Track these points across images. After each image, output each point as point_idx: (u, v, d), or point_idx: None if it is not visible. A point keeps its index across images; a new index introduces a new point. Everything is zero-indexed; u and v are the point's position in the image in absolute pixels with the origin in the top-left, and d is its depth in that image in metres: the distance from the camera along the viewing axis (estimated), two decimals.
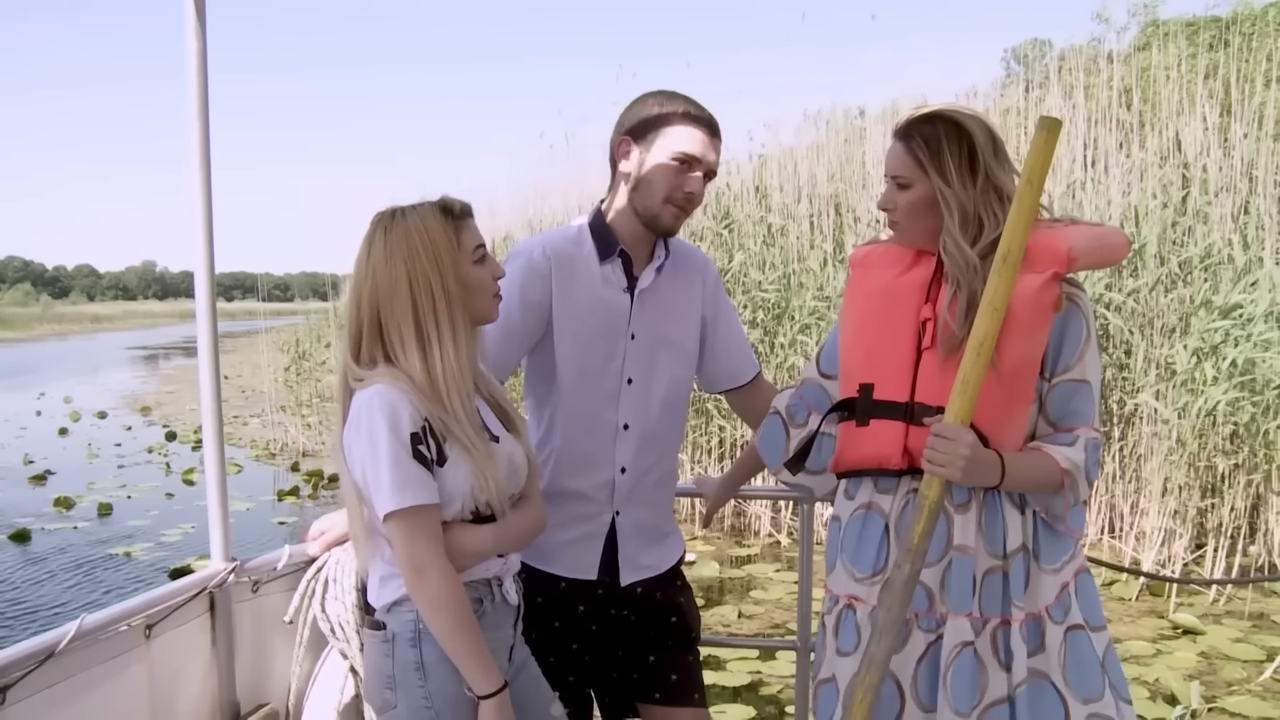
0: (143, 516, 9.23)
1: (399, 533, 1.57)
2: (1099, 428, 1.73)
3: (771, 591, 6.36)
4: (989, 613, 1.69)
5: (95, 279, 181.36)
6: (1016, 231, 1.59)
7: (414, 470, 1.56)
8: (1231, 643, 5.35)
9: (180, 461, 12.09)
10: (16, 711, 1.58)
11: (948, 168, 1.70)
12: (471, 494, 1.62)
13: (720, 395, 2.30)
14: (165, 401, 19.29)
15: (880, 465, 1.77)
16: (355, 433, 1.59)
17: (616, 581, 2.05)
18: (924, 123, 1.74)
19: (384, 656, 1.65)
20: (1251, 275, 7.01)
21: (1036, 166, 1.60)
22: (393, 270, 1.60)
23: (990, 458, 1.61)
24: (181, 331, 60.96)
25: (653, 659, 2.10)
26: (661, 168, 1.94)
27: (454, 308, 1.61)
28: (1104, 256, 1.77)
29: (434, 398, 1.59)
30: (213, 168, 2.10)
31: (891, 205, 1.79)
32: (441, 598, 1.57)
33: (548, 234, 2.05)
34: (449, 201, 1.66)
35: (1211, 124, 8.34)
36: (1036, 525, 1.71)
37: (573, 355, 1.98)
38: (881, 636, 1.62)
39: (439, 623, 1.58)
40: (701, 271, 2.16)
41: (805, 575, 2.46)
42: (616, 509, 2.04)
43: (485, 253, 1.68)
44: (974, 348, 1.59)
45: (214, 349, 2.14)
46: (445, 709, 1.61)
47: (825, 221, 8.97)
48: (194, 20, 2.04)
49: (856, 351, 1.84)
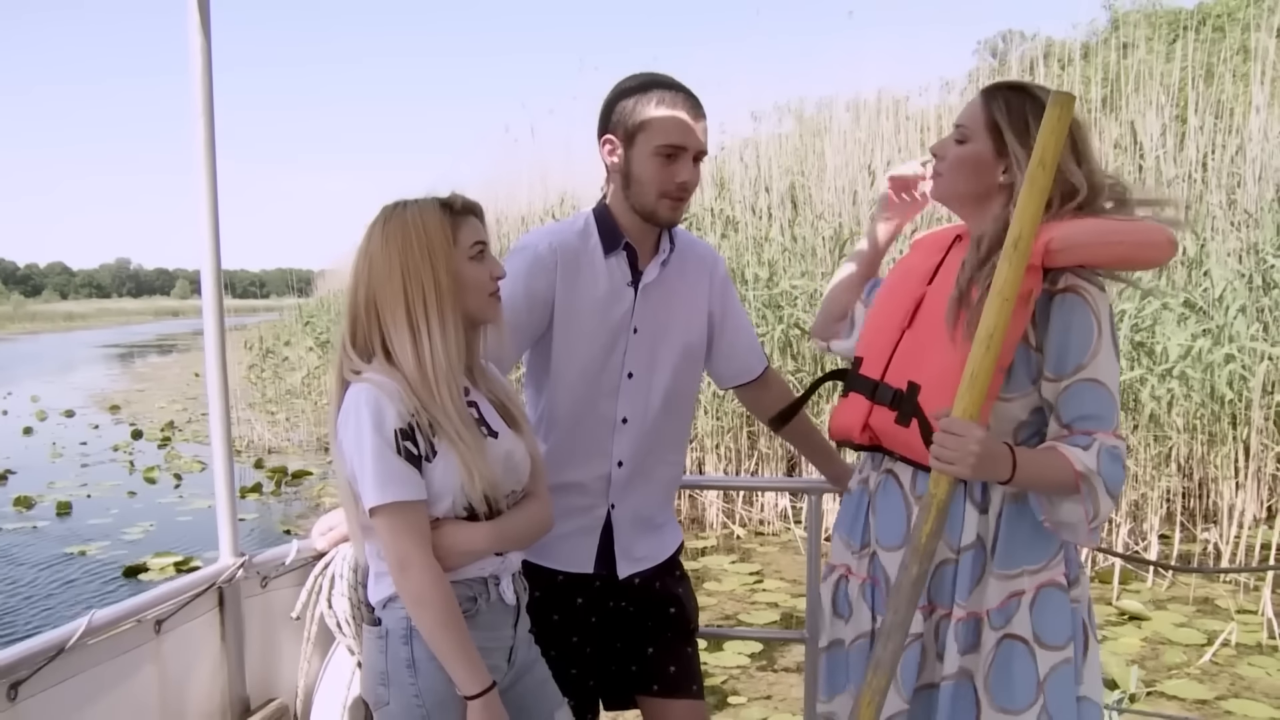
0: (103, 515, 9.16)
1: (384, 527, 1.57)
2: (1121, 434, 1.62)
3: (725, 584, 6.38)
4: (937, 601, 1.70)
5: (68, 277, 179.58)
6: (1026, 216, 1.51)
7: (397, 466, 1.55)
8: (1175, 627, 5.42)
9: (144, 459, 11.99)
10: (27, 707, 1.58)
11: (1027, 136, 1.63)
12: (462, 490, 1.61)
13: (731, 391, 2.29)
14: (134, 400, 19.13)
15: (845, 437, 1.83)
16: (345, 428, 1.60)
17: (614, 574, 2.04)
18: (1012, 89, 1.70)
19: (378, 653, 1.65)
20: (1204, 265, 7.11)
21: (1049, 146, 1.51)
22: (388, 260, 1.62)
23: (1001, 451, 1.55)
24: (156, 329, 60.55)
25: (651, 650, 2.10)
26: (648, 163, 1.90)
27: (444, 301, 1.61)
28: (1119, 255, 1.60)
29: (424, 390, 1.59)
30: (217, 165, 2.10)
31: (943, 153, 1.74)
32: (425, 594, 1.56)
33: (553, 227, 2.03)
34: (452, 197, 1.67)
35: (1168, 116, 8.42)
36: (999, 528, 1.67)
37: (573, 348, 1.97)
38: (888, 639, 1.58)
39: (422, 619, 1.58)
40: (710, 267, 2.13)
41: (813, 567, 2.44)
42: (612, 502, 2.03)
43: (483, 250, 1.67)
44: (982, 340, 1.52)
45: (221, 346, 2.14)
46: (435, 708, 1.60)
47: (783, 213, 9.00)
48: (196, 15, 2.03)
49: (867, 326, 1.88)
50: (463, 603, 1.62)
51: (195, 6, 2.03)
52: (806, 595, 2.49)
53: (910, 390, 1.70)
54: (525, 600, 1.77)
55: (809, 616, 2.46)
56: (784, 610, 5.89)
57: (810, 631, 2.43)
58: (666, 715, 2.09)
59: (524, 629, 1.77)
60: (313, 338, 18.16)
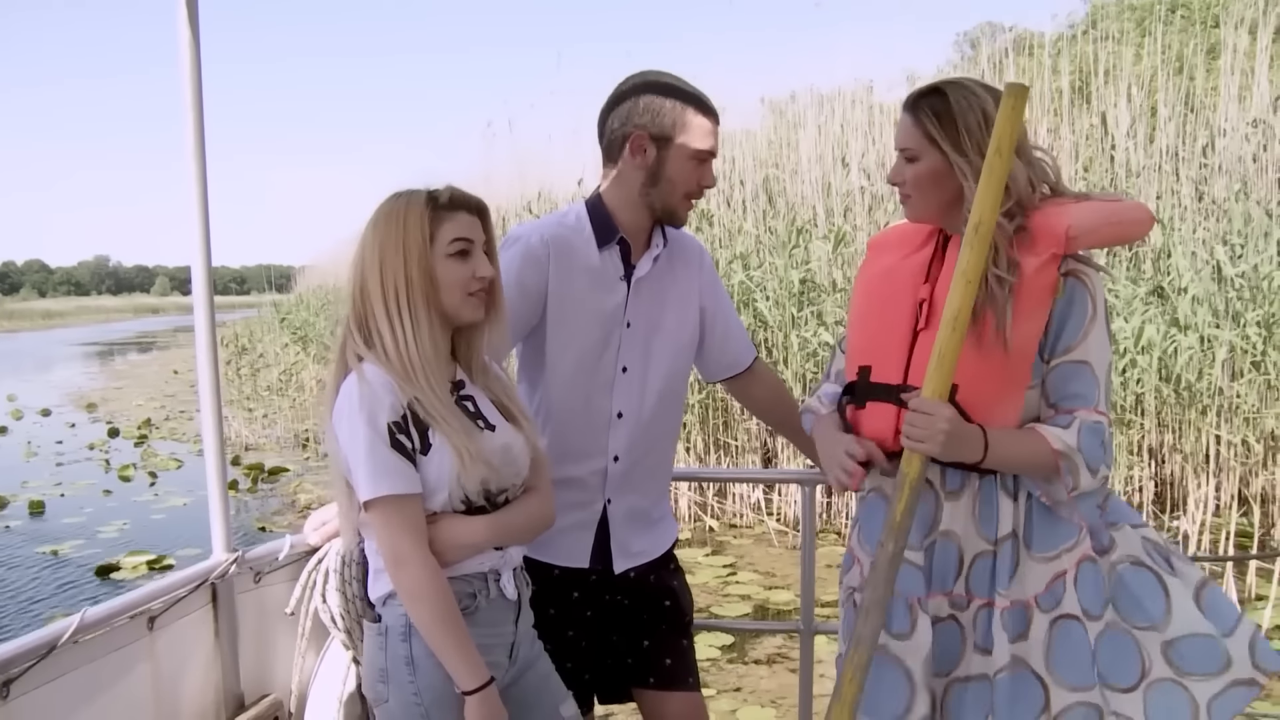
0: (76, 514, 9.11)
1: (378, 521, 1.56)
2: (1104, 411, 1.66)
3: (699, 576, 6.40)
4: (976, 593, 1.70)
5: (46, 274, 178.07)
6: (986, 202, 1.56)
7: (391, 460, 1.54)
8: None
9: (120, 458, 11.93)
10: (20, 705, 1.57)
11: (961, 137, 1.67)
12: (458, 481, 1.59)
13: (719, 384, 2.28)
14: (112, 398, 19.01)
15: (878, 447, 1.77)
16: (340, 419, 1.59)
17: (609, 569, 2.04)
18: (931, 94, 1.71)
19: (378, 650, 1.64)
20: (1173, 258, 7.16)
21: (1004, 135, 1.56)
22: (375, 250, 1.62)
23: (972, 431, 1.59)
24: (136, 327, 60.11)
25: (647, 643, 2.09)
26: (684, 167, 1.94)
27: (415, 297, 1.60)
28: (1117, 233, 1.71)
29: (406, 380, 1.58)
30: (206, 162, 2.08)
31: (900, 179, 1.75)
32: (421, 589, 1.55)
33: (545, 220, 2.03)
34: (438, 191, 1.65)
35: (1137, 106, 8.48)
36: (1031, 512, 1.69)
37: (567, 342, 1.97)
38: (868, 615, 1.60)
39: (419, 614, 1.56)
40: (698, 260, 2.14)
41: (808, 559, 2.43)
42: (608, 497, 2.02)
43: (465, 249, 1.64)
44: (948, 321, 1.56)
45: (212, 342, 2.12)
46: (434, 705, 1.59)
47: (757, 205, 9.02)
48: (184, 10, 2.02)
49: (858, 334, 1.84)
50: (462, 599, 1.61)
51: (184, 3, 2.02)
52: (801, 587, 2.48)
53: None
54: (527, 596, 1.76)
55: (804, 609, 2.45)
56: (756, 603, 5.92)
57: (805, 623, 2.44)
58: (663, 707, 2.09)
59: (526, 624, 1.75)
60: (289, 334, 18.11)
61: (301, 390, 16.11)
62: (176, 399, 18.36)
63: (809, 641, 2.44)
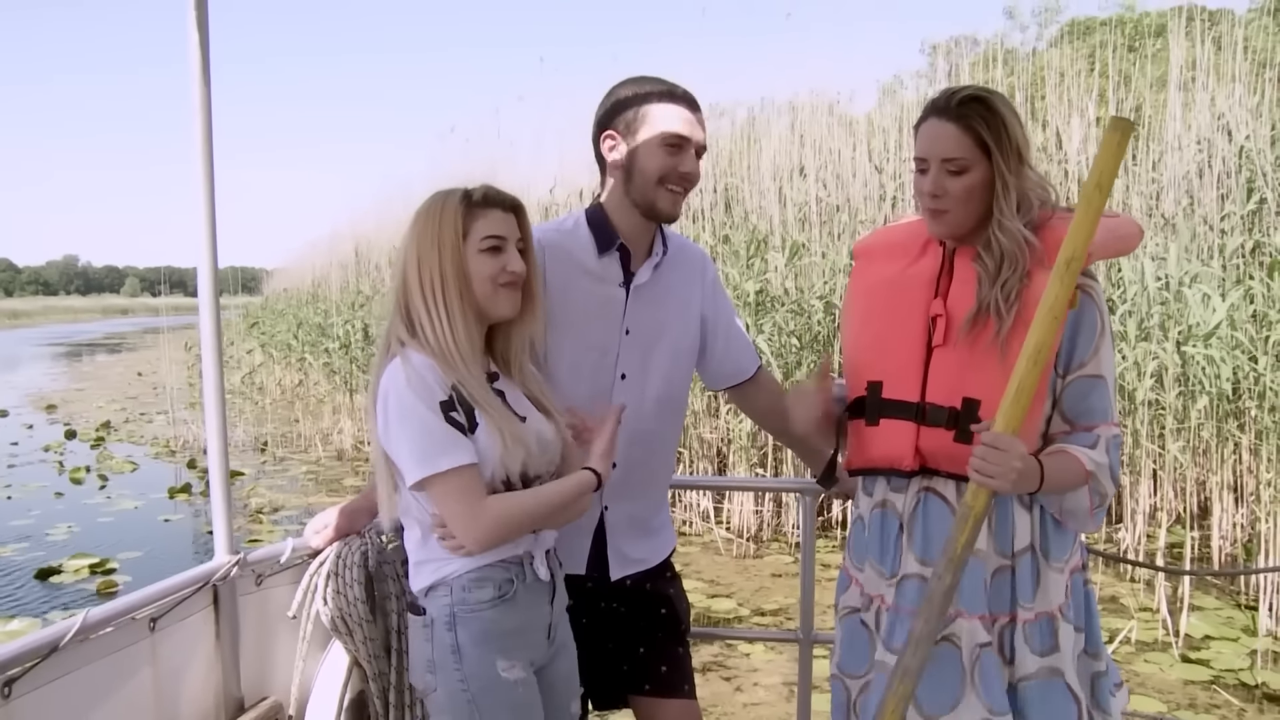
0: (24, 516, 8.99)
1: (440, 495, 1.60)
2: (1118, 422, 1.67)
3: None
4: (996, 611, 1.69)
5: (13, 274, 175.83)
6: (1081, 236, 1.51)
7: (448, 434, 1.59)
8: None
9: (74, 460, 11.78)
10: (22, 705, 1.58)
11: (1007, 149, 1.64)
12: (501, 461, 1.63)
13: (723, 393, 2.27)
14: (72, 399, 18.80)
15: (892, 466, 1.73)
16: (384, 398, 1.63)
17: (606, 575, 2.04)
18: (977, 101, 1.65)
19: (424, 641, 1.67)
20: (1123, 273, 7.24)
21: (1107, 170, 1.52)
22: (413, 246, 1.69)
23: (1034, 466, 1.56)
24: (104, 327, 59.55)
25: (642, 650, 2.09)
26: (650, 152, 1.91)
27: (448, 291, 1.65)
28: (1117, 248, 1.71)
29: (447, 365, 1.63)
30: (214, 164, 2.09)
31: (943, 191, 1.66)
32: (505, 512, 1.61)
33: (542, 226, 2.01)
34: (473, 188, 1.71)
35: (1091, 122, 8.59)
36: (1044, 523, 1.69)
37: (565, 349, 1.96)
38: (917, 647, 1.56)
39: (522, 522, 1.64)
40: (700, 269, 2.13)
41: (808, 568, 2.42)
42: (605, 503, 2.02)
43: (497, 245, 1.69)
44: (1029, 355, 1.52)
45: (217, 345, 2.12)
46: (480, 692, 1.63)
47: (715, 215, 9.06)
48: (193, 14, 2.02)
49: (863, 347, 1.80)
50: (500, 584, 1.66)
51: (193, 4, 2.02)
52: (801, 596, 2.47)
53: (968, 407, 1.66)
54: (560, 577, 1.80)
55: (803, 618, 2.44)
56: (697, 611, 5.92)
57: (804, 632, 2.43)
58: (658, 715, 2.09)
59: (561, 605, 1.80)
60: (255, 339, 17.97)
61: (263, 393, 16.03)
62: (138, 401, 18.18)
63: (808, 651, 2.44)
